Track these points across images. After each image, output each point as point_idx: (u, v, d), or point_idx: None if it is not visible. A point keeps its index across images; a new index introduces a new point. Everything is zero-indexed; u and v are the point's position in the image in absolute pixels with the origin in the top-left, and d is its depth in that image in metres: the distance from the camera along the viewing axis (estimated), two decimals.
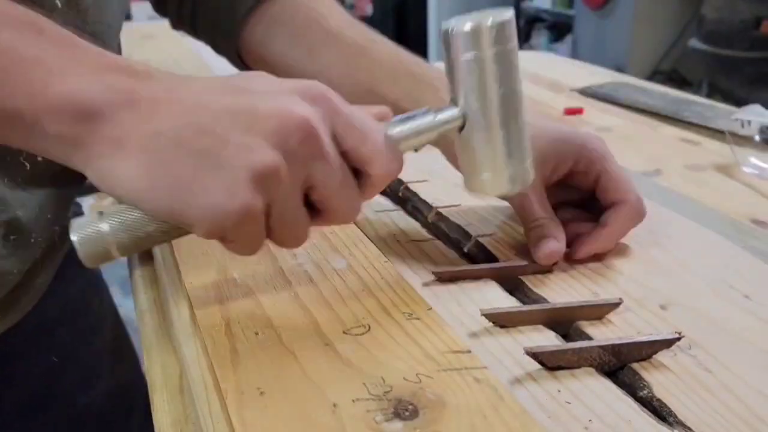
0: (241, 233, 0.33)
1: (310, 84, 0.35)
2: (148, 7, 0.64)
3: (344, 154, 0.35)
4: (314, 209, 0.35)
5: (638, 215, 0.46)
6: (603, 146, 0.46)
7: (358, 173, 0.36)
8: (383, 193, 0.57)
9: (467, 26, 0.36)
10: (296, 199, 0.34)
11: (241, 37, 0.56)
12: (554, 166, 0.45)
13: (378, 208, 0.53)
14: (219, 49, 0.60)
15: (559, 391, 0.33)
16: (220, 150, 0.31)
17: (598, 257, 0.45)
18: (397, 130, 0.37)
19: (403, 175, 0.58)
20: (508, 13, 0.36)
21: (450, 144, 0.41)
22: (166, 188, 0.32)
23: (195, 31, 0.61)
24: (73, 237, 0.33)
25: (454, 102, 0.38)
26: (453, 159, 0.45)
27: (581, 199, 0.47)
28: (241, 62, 0.58)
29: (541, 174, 0.45)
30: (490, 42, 0.36)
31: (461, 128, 0.38)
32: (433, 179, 0.59)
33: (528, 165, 0.39)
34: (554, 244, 0.43)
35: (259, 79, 0.35)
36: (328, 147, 0.33)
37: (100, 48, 0.34)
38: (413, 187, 0.57)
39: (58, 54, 0.32)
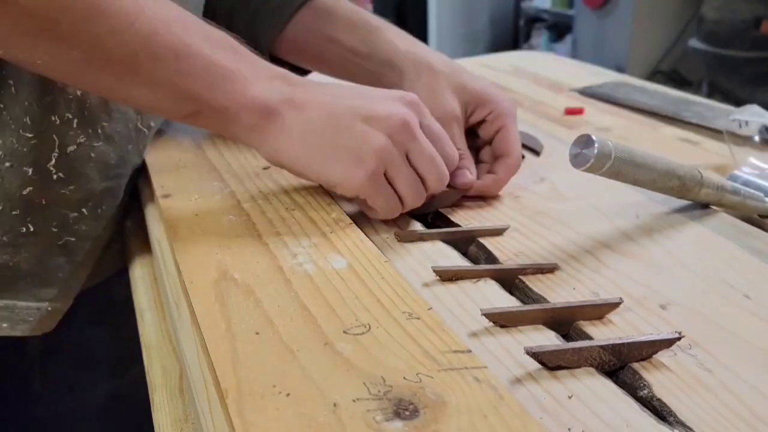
0: (372, 192, 0.47)
1: (407, 93, 0.49)
2: None
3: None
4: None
5: (516, 169, 0.56)
6: (513, 108, 0.57)
7: None
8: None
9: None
10: (405, 165, 0.47)
11: (282, 33, 0.68)
12: (473, 110, 0.57)
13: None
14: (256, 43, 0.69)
15: (569, 397, 0.33)
16: (349, 134, 0.46)
17: (483, 198, 0.56)
18: None
19: None
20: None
21: None
22: (317, 158, 0.46)
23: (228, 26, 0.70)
24: (593, 137, 0.42)
25: None
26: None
27: (478, 150, 0.59)
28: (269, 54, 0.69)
29: (463, 115, 0.57)
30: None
31: None
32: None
33: None
34: (469, 176, 0.54)
35: (371, 89, 0.50)
36: (418, 132, 0.48)
37: (264, 59, 0.48)
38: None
39: (248, 68, 0.46)
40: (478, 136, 0.58)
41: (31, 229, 0.52)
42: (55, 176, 0.52)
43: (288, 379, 0.31)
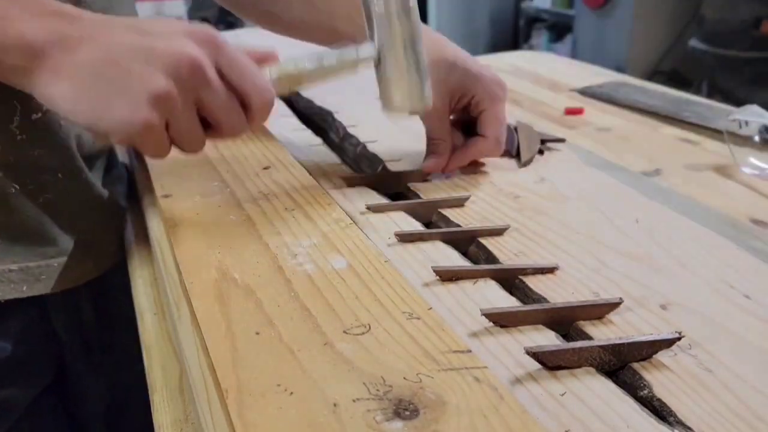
0: (146, 141, 0.44)
1: (200, 28, 0.44)
2: (150, 7, 0.67)
3: (229, 87, 0.44)
4: (208, 125, 0.46)
5: (490, 150, 0.61)
6: (500, 90, 0.60)
7: (244, 105, 0.46)
8: (382, 192, 0.57)
9: None
10: (189, 115, 0.44)
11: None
12: (460, 97, 0.59)
13: (378, 208, 0.53)
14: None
15: (562, 394, 0.33)
16: (125, 77, 0.42)
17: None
18: (276, 69, 0.48)
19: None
20: None
21: None
22: (87, 105, 0.42)
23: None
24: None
25: (371, 45, 0.51)
26: None
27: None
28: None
29: (449, 102, 0.59)
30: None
31: (377, 64, 0.51)
32: (435, 178, 0.59)
33: (427, 87, 0.52)
34: (435, 162, 0.59)
35: (161, 23, 0.45)
36: (212, 76, 0.43)
37: None
38: (414, 187, 0.57)
39: (16, 5, 0.42)
40: (470, 114, 0.61)
41: (17, 188, 0.54)
42: (18, 137, 0.53)
43: (288, 379, 0.31)
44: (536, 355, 0.34)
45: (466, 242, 0.49)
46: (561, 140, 0.69)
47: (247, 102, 0.45)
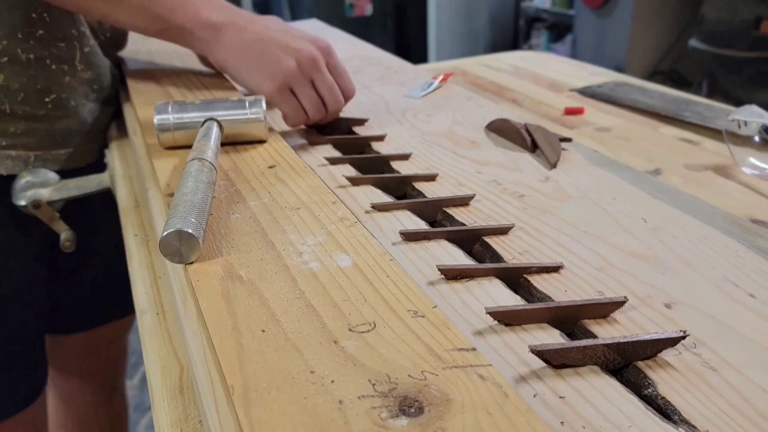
0: (280, 102, 0.67)
1: (321, 39, 0.68)
2: None
3: (334, 79, 0.69)
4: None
5: None
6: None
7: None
8: (387, 191, 0.57)
9: None
10: (308, 89, 0.67)
11: None
12: None
13: (383, 207, 0.53)
14: None
15: (561, 397, 0.33)
16: (270, 56, 0.66)
17: None
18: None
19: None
20: None
21: None
22: (245, 69, 0.67)
23: None
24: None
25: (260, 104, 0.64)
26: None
27: None
28: None
29: None
30: None
31: None
32: (440, 178, 0.59)
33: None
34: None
35: (296, 29, 0.69)
36: (323, 68, 0.67)
37: None
38: (419, 186, 0.57)
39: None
40: None
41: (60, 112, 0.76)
42: (79, 67, 0.76)
43: (294, 376, 0.32)
44: (541, 353, 0.34)
45: (471, 241, 0.49)
46: (568, 140, 0.69)
47: (343, 90, 0.69)
